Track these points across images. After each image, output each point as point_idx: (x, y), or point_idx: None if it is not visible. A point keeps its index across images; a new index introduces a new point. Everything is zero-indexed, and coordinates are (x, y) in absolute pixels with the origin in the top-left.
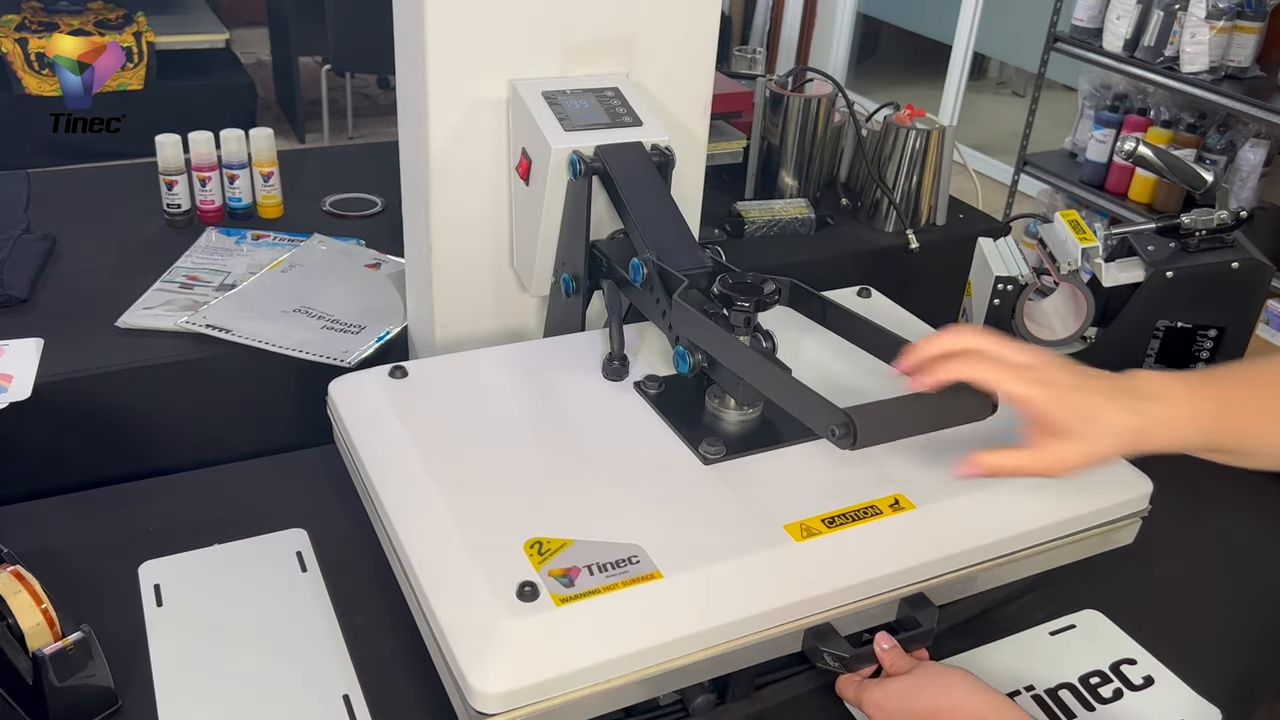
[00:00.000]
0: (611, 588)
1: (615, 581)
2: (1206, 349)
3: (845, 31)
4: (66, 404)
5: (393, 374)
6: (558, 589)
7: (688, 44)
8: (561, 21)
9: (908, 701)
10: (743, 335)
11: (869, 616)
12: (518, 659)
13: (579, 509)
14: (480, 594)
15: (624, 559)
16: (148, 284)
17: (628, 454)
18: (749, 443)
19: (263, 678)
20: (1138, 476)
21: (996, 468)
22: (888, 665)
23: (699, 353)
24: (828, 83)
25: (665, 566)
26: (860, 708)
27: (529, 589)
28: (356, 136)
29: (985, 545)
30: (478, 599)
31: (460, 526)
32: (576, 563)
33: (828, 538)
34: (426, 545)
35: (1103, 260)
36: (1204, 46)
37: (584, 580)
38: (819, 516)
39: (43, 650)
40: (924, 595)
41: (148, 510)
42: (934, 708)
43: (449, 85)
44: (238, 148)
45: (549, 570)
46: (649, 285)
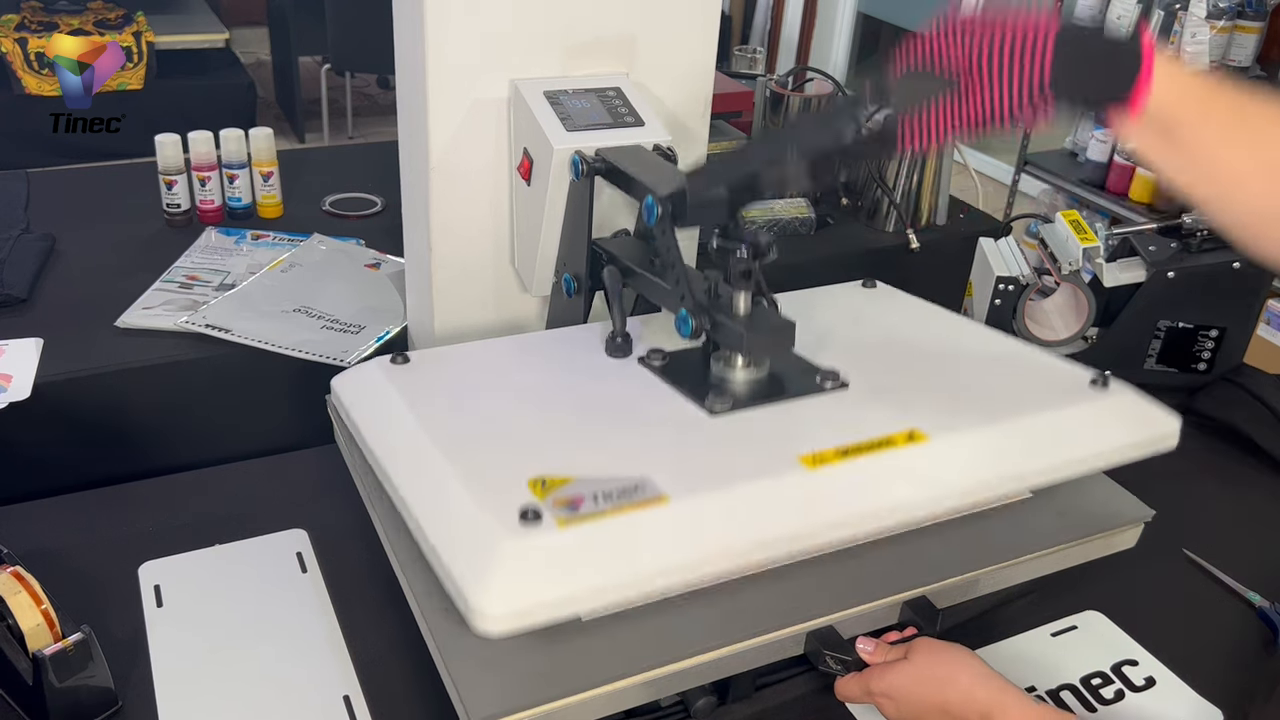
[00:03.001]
0: (617, 510)
1: (621, 505)
2: (1208, 349)
3: (845, 31)
4: (66, 404)
5: (395, 360)
6: (561, 514)
7: (688, 44)
8: (562, 21)
9: (916, 695)
10: (743, 290)
11: (871, 619)
12: (520, 578)
13: (584, 457)
14: (482, 522)
15: (630, 487)
16: (147, 284)
17: (632, 413)
18: (756, 398)
19: (263, 678)
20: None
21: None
22: (878, 661)
23: (703, 315)
24: (828, 82)
25: (673, 491)
26: (870, 700)
27: (532, 514)
28: (356, 136)
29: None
30: (480, 526)
31: (463, 474)
32: (581, 493)
33: (841, 465)
34: (429, 492)
35: (1104, 260)
36: (1204, 46)
37: (588, 506)
38: (833, 449)
39: (43, 651)
40: (926, 599)
41: (148, 510)
42: (943, 700)
43: (449, 85)
44: (237, 147)
45: (553, 500)
46: (661, 225)
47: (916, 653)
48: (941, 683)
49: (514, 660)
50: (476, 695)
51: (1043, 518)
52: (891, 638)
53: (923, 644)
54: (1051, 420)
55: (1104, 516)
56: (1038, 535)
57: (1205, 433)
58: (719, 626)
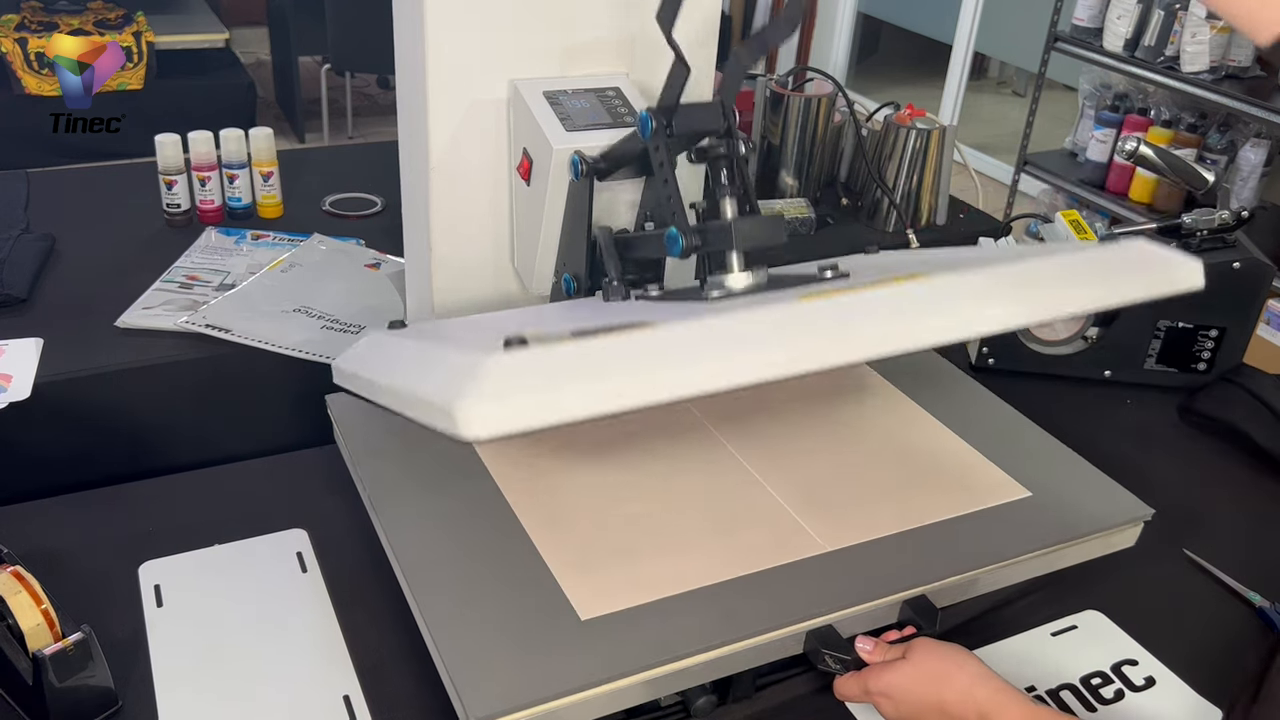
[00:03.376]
0: (605, 332)
1: (609, 328)
2: (1207, 349)
3: (845, 31)
4: (66, 404)
5: (392, 325)
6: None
7: (688, 44)
8: (561, 21)
9: (914, 695)
10: (729, 195)
11: (870, 619)
12: (504, 380)
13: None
14: (465, 358)
15: (615, 325)
16: (147, 284)
17: (625, 317)
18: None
19: (263, 678)
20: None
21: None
22: (878, 660)
23: (693, 234)
24: (828, 82)
25: (662, 321)
26: (868, 699)
27: (517, 341)
28: (356, 136)
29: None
30: (462, 361)
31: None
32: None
33: (836, 298)
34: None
35: None
36: (1204, 46)
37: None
38: (832, 289)
39: (43, 650)
40: (926, 598)
41: (148, 510)
42: (940, 700)
43: (449, 85)
44: (237, 147)
45: (538, 337)
46: (656, 140)
47: (915, 652)
48: (939, 682)
49: (514, 660)
50: (476, 695)
51: (1042, 517)
52: (891, 637)
53: (921, 644)
54: (1064, 260)
55: (1104, 515)
56: (1037, 534)
57: (1205, 433)
58: (719, 626)
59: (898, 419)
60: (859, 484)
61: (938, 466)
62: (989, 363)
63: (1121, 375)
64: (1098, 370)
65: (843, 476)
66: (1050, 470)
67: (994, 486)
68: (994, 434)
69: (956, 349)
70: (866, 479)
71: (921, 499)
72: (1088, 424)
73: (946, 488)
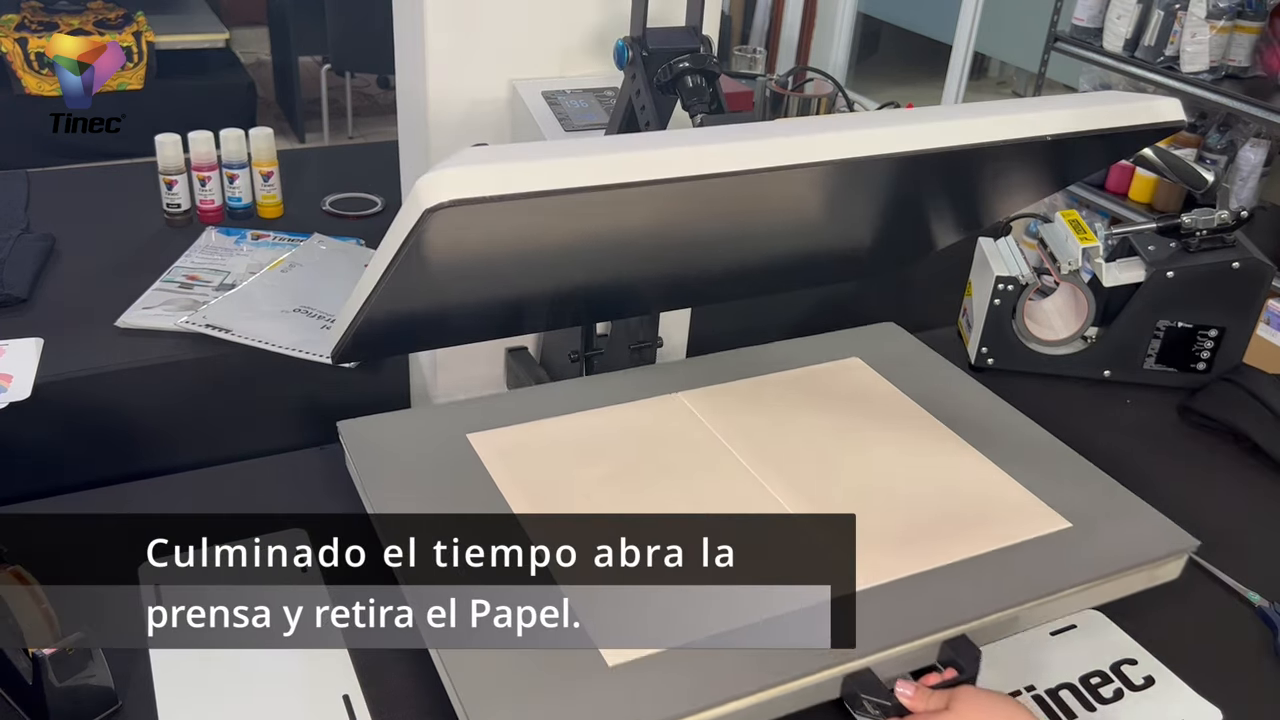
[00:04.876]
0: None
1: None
2: (1207, 349)
3: (845, 31)
4: (66, 404)
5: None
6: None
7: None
8: (561, 21)
9: None
10: (701, 109)
11: (909, 660)
12: (467, 159)
13: None
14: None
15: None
16: (148, 284)
17: None
18: None
19: (263, 678)
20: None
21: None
22: (920, 709)
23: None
24: (828, 82)
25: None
26: None
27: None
28: (356, 136)
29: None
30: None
31: None
32: None
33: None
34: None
35: (1103, 260)
36: (1204, 46)
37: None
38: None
39: (42, 650)
40: (966, 637)
41: (148, 510)
42: None
43: (449, 85)
44: (237, 147)
45: None
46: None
47: (960, 702)
48: None
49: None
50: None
51: (1083, 550)
52: (931, 680)
53: (967, 693)
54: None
55: (1148, 547)
56: (1078, 568)
57: (1205, 432)
58: (752, 671)
59: (930, 444)
60: (894, 516)
61: (975, 496)
62: (989, 363)
63: (1121, 375)
64: (1097, 370)
65: (876, 507)
66: (1090, 499)
67: (1033, 518)
68: (1024, 455)
69: (956, 349)
70: (902, 511)
71: (959, 531)
72: (1087, 424)
73: (985, 519)
